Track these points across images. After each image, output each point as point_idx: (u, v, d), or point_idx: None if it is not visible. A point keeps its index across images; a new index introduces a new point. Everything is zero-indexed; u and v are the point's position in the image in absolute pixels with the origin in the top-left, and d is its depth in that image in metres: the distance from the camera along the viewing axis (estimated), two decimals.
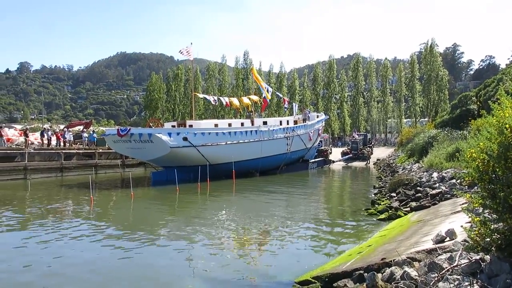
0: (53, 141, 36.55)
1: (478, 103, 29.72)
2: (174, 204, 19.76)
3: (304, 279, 7.21)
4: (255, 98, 41.43)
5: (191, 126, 31.81)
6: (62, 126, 50.63)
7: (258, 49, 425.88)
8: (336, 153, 52.73)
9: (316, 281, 6.83)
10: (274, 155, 34.47)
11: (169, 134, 27.42)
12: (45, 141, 35.54)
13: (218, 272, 8.70)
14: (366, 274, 5.97)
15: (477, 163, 4.81)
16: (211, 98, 41.25)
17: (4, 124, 61.17)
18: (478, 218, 4.73)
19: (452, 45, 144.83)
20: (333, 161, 47.76)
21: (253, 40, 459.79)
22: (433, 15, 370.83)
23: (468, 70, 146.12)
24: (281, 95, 56.46)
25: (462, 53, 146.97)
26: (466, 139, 19.18)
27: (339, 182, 32.38)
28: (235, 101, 40.55)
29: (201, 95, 50.57)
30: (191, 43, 34.16)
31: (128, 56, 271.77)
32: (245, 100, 40.89)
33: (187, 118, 65.43)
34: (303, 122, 40.50)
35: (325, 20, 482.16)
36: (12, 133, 38.30)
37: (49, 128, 44.11)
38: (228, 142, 30.35)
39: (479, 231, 4.66)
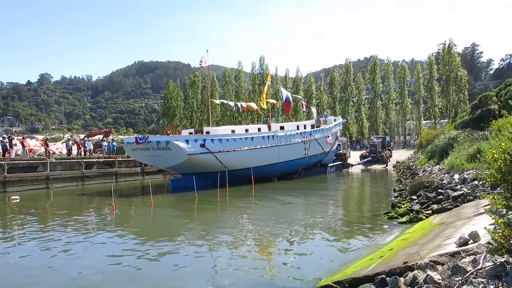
0: (74, 151, 37.21)
1: (499, 103, 29.13)
2: (194, 211, 19.87)
3: (326, 284, 7.17)
4: (272, 100, 41.58)
5: (208, 132, 31.97)
6: (82, 136, 51.50)
7: (274, 54, 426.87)
8: (354, 157, 52.31)
9: (337, 286, 6.78)
10: (292, 160, 34.37)
11: (187, 141, 27.60)
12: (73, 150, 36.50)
13: (239, 277, 8.72)
14: (388, 278, 5.91)
15: (499, 163, 4.74)
16: (231, 102, 41.77)
17: (26, 135, 62.66)
18: (501, 220, 4.65)
19: (471, 45, 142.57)
20: (352, 165, 47.31)
21: (269, 45, 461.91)
22: (450, 15, 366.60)
23: (488, 69, 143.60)
24: (299, 97, 56.49)
25: (481, 52, 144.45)
26: (487, 140, 18.83)
27: (358, 185, 32.10)
28: (252, 105, 41.07)
29: (218, 101, 50.91)
30: (207, 51, 34.39)
31: (146, 64, 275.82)
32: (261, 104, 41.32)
33: (205, 125, 65.85)
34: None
35: (341, 24, 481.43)
36: (34, 143, 39.09)
37: (69, 137, 44.94)
38: (245, 148, 30.39)
39: (503, 233, 4.58)
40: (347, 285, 6.64)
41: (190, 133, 33.32)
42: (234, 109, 55.26)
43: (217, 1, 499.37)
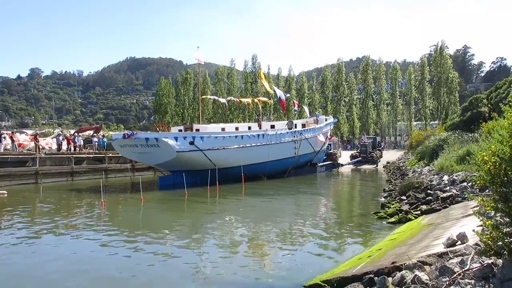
0: (64, 146, 36.89)
1: (489, 105, 29.39)
2: (184, 208, 19.80)
3: (314, 283, 7.17)
4: (264, 99, 41.73)
5: (198, 130, 31.80)
6: (72, 131, 51.02)
7: (267, 53, 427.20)
8: (345, 156, 52.53)
9: (325, 285, 6.78)
10: (282, 158, 34.32)
11: (176, 139, 27.40)
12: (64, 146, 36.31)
13: (227, 276, 8.69)
14: (376, 278, 5.92)
15: (488, 166, 4.76)
16: (222, 99, 42.02)
17: (15, 130, 61.96)
18: (490, 222, 4.67)
19: (463, 47, 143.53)
20: (342, 165, 47.51)
21: (262, 44, 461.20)
22: (443, 17, 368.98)
23: (479, 72, 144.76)
24: (289, 94, 56.73)
25: (473, 55, 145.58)
26: (477, 142, 18.98)
27: (348, 185, 32.21)
28: (244, 100, 41.58)
29: (211, 97, 50.93)
30: (198, 47, 34.40)
31: (138, 61, 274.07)
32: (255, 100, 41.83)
33: (196, 122, 65.72)
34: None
35: (333, 23, 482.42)
36: (24, 138, 38.67)
37: (60, 132, 44.54)
38: (235, 146, 30.28)
39: (491, 235, 4.60)
40: (335, 284, 6.64)
41: (180, 130, 33.13)
42: (226, 106, 55.11)
43: None
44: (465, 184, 13.53)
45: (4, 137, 32.85)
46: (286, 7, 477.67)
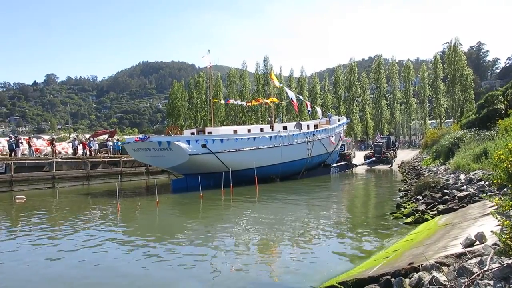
0: (80, 150, 37.36)
1: (506, 102, 28.88)
2: (199, 211, 19.85)
3: (330, 285, 7.13)
4: (275, 99, 41.83)
5: (210, 133, 31.85)
6: (87, 136, 51.66)
7: (278, 54, 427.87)
8: (359, 157, 52.17)
9: (341, 287, 6.74)
10: (295, 160, 34.17)
11: (188, 142, 27.47)
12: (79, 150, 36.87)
13: (242, 277, 8.69)
14: (393, 279, 5.86)
15: (505, 164, 4.69)
16: (234, 101, 42.19)
17: (32, 135, 62.98)
18: (508, 221, 4.60)
19: (477, 44, 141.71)
20: (356, 165, 47.17)
21: (273, 45, 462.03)
22: (456, 13, 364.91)
23: (494, 68, 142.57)
24: (301, 97, 56.59)
25: (487, 51, 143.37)
26: (493, 140, 18.70)
27: (362, 186, 31.98)
28: (254, 101, 41.84)
29: (222, 101, 51.09)
30: (209, 50, 34.49)
31: (150, 65, 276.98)
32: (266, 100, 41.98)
33: (209, 125, 65.88)
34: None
35: (345, 23, 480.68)
36: (40, 143, 39.30)
37: (75, 137, 45.09)
38: (247, 148, 30.23)
39: (510, 235, 4.53)
40: (351, 286, 6.59)
41: (192, 134, 33.24)
42: (241, 104, 55.31)
43: (221, 1, 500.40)
44: (482, 183, 13.31)
45: (21, 143, 33.43)
46: (297, 8, 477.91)
